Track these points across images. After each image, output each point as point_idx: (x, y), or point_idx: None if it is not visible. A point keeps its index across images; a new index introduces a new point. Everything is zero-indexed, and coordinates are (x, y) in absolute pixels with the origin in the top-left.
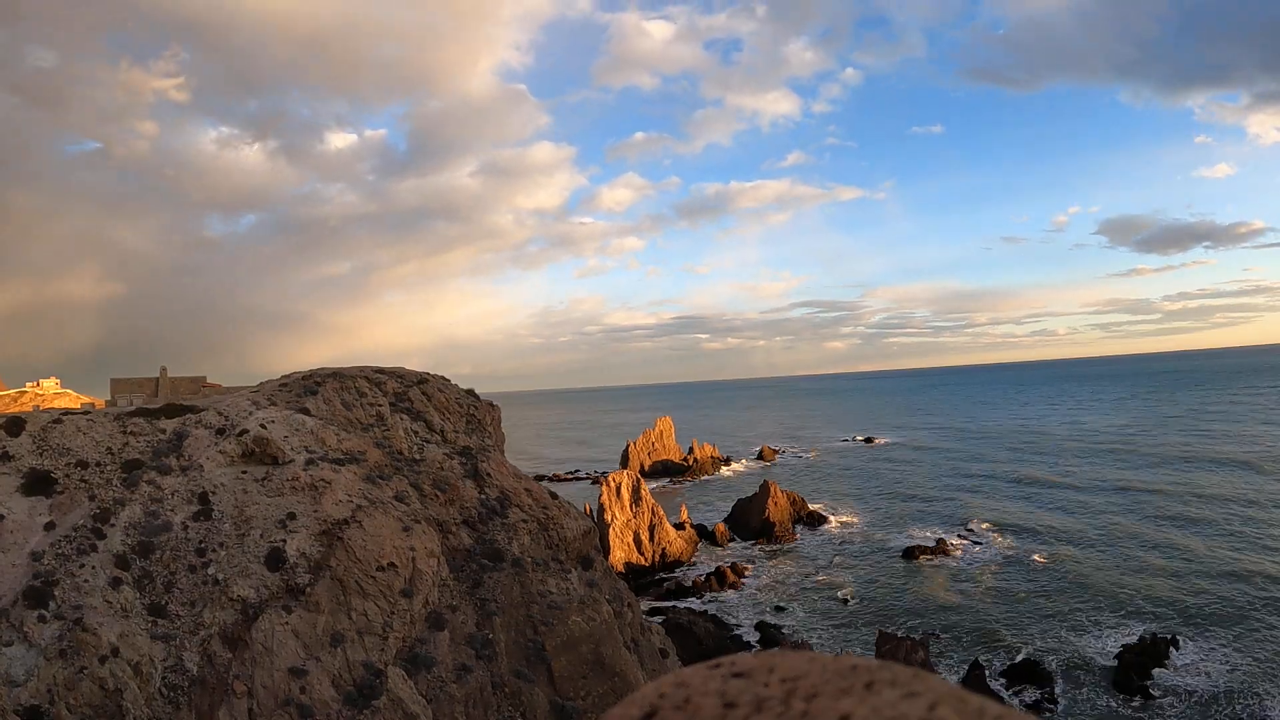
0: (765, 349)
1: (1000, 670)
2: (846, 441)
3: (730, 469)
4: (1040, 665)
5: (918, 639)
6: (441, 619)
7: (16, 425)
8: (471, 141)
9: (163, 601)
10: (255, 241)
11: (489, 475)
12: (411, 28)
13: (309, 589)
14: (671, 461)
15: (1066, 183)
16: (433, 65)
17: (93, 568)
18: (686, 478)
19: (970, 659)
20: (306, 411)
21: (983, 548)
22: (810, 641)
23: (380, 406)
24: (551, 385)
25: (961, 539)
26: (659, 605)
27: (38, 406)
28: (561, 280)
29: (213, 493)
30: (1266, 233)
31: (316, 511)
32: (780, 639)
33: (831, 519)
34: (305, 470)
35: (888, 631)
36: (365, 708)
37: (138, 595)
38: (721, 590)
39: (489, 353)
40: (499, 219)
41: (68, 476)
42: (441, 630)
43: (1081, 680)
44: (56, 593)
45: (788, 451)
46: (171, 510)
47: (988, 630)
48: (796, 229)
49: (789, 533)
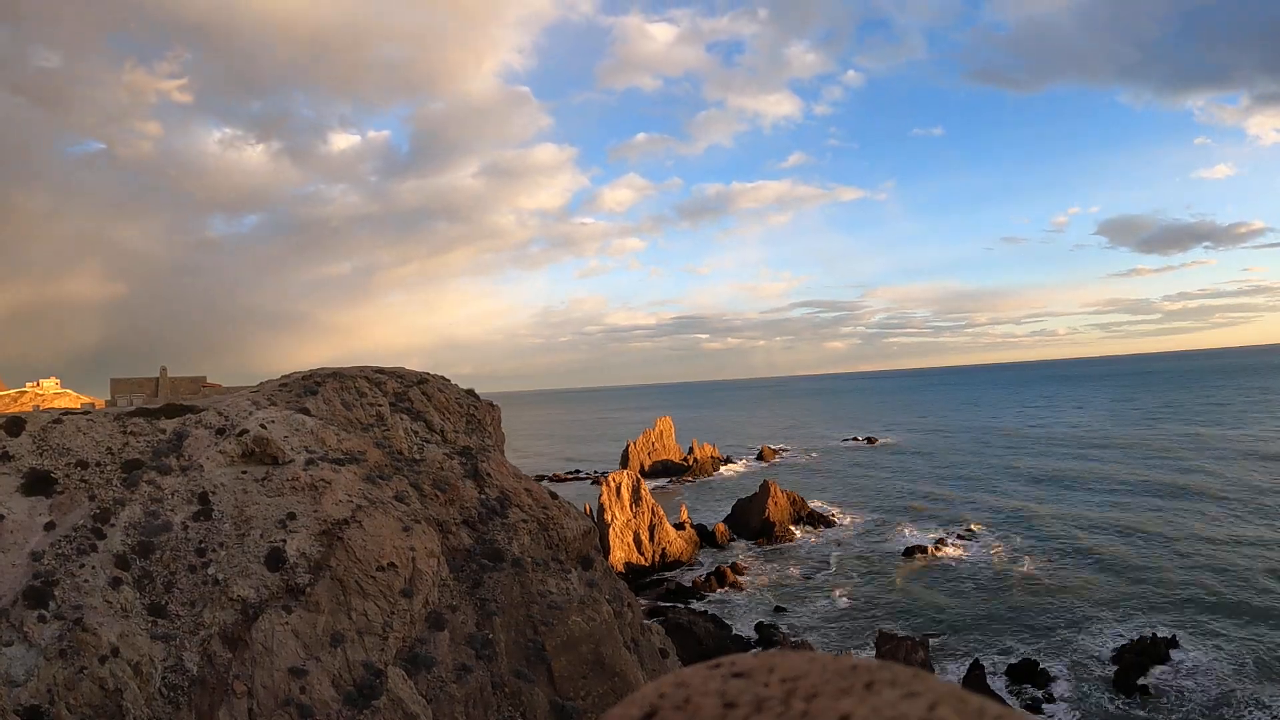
0: (765, 349)
1: (1000, 670)
2: (846, 441)
3: (730, 469)
4: (1040, 665)
5: (918, 639)
6: (441, 619)
7: (16, 425)
8: (474, 142)
9: (163, 601)
10: (257, 242)
11: (489, 475)
12: (416, 30)
13: (309, 589)
14: (671, 461)
15: (1066, 183)
16: (436, 67)
17: (93, 568)
18: (686, 478)
19: (970, 659)
20: (306, 411)
21: (983, 547)
22: (810, 641)
23: (380, 406)
24: (551, 385)
25: (961, 539)
26: (659, 605)
27: (38, 406)
28: (562, 280)
29: (213, 493)
30: (1266, 233)
31: (316, 511)
32: (780, 639)
33: (832, 519)
34: (305, 470)
35: (888, 631)
36: (365, 708)
37: (138, 595)
38: (721, 590)
39: (489, 353)
40: (501, 219)
41: (68, 476)
42: (441, 630)
43: (1081, 680)
44: (56, 593)
45: (788, 451)
46: (171, 510)
47: (988, 630)
48: (797, 229)
49: (789, 533)
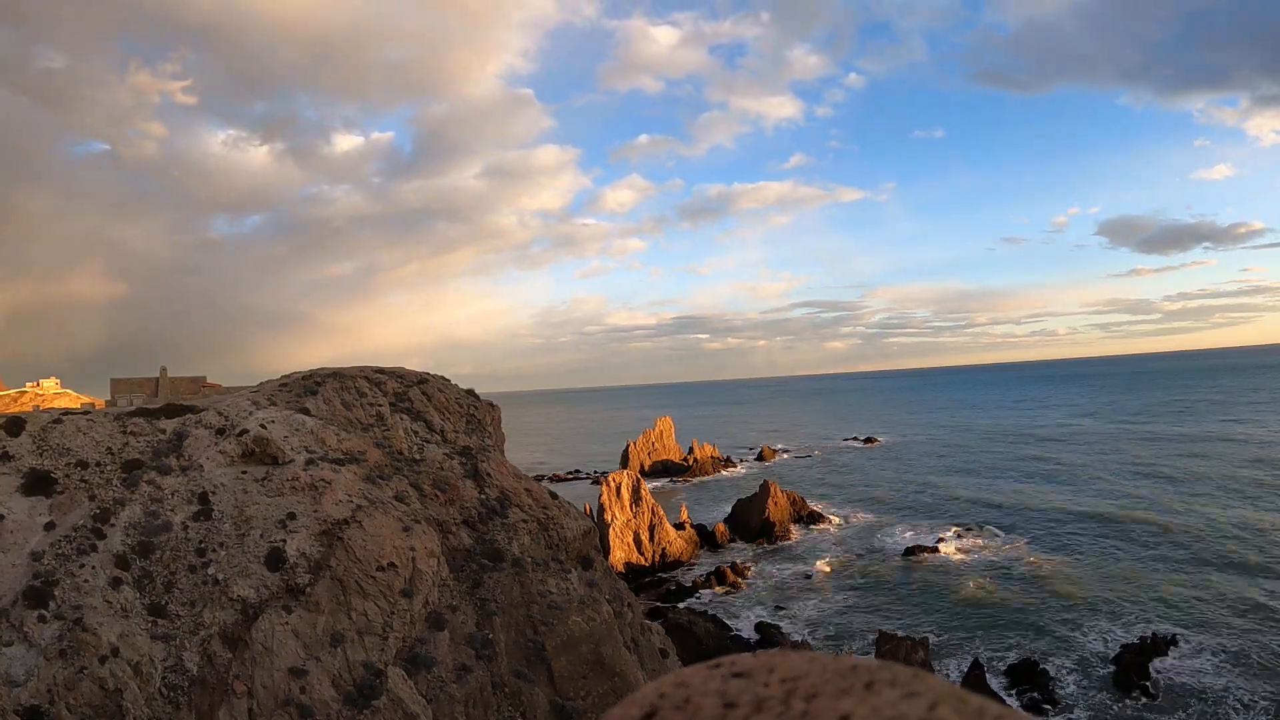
0: (765, 349)
1: (1000, 670)
2: (846, 441)
3: (730, 469)
4: (1040, 665)
5: (918, 639)
6: (441, 619)
7: (16, 425)
8: (477, 144)
9: (163, 601)
10: (259, 242)
11: (489, 475)
12: (420, 32)
13: (309, 589)
14: (671, 461)
15: (1066, 183)
16: (440, 69)
17: (93, 568)
18: (686, 478)
19: (970, 659)
20: (306, 411)
21: (983, 547)
22: (810, 641)
23: (380, 406)
24: (551, 385)
25: (961, 538)
26: (659, 605)
27: (38, 406)
28: (563, 280)
29: (213, 493)
30: (1266, 233)
31: (316, 511)
32: (780, 639)
33: (831, 519)
34: (305, 470)
35: (888, 631)
36: (365, 708)
37: (138, 595)
38: (721, 590)
39: (489, 353)
40: (502, 220)
41: (68, 476)
42: (441, 630)
43: (1081, 679)
44: (56, 593)
45: (788, 451)
46: (171, 510)
47: (988, 630)
48: (798, 229)
49: (789, 533)
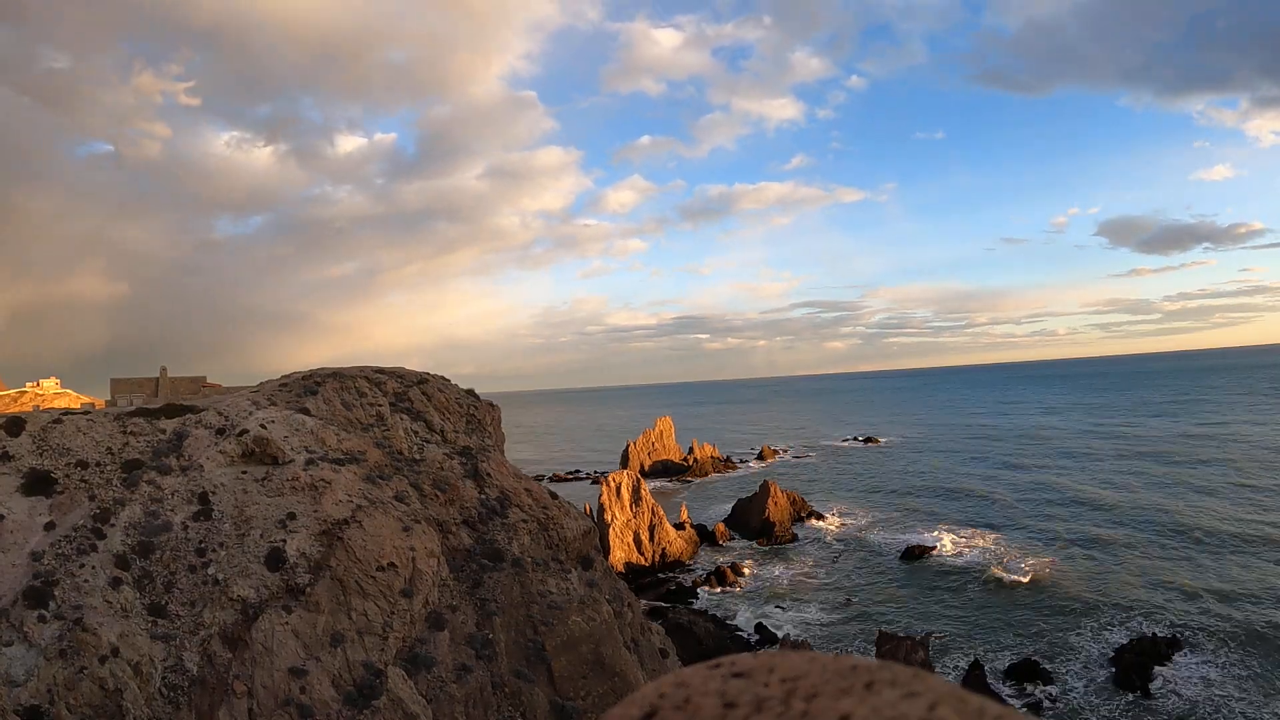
0: (765, 349)
1: (1000, 670)
2: (846, 441)
3: (730, 469)
4: (1040, 665)
5: (918, 639)
6: (441, 619)
7: (16, 425)
8: (480, 145)
9: (163, 601)
10: (261, 242)
11: (489, 475)
12: (424, 34)
13: (309, 589)
14: (671, 461)
15: (1066, 184)
16: (444, 71)
17: (93, 568)
18: (686, 478)
19: (970, 659)
20: (306, 411)
21: (983, 547)
22: (810, 641)
23: (380, 406)
24: (552, 385)
25: (961, 538)
26: (659, 605)
27: (38, 406)
28: (564, 281)
29: (213, 493)
30: (1265, 233)
31: (316, 511)
32: (780, 639)
33: (831, 519)
34: (305, 470)
35: (888, 631)
36: (365, 708)
37: (138, 595)
38: (721, 590)
39: (490, 353)
40: (504, 221)
41: (68, 476)
42: (441, 630)
43: (1081, 680)
44: (56, 593)
45: (788, 451)
46: (171, 510)
47: (988, 630)
48: (798, 230)
49: (789, 533)
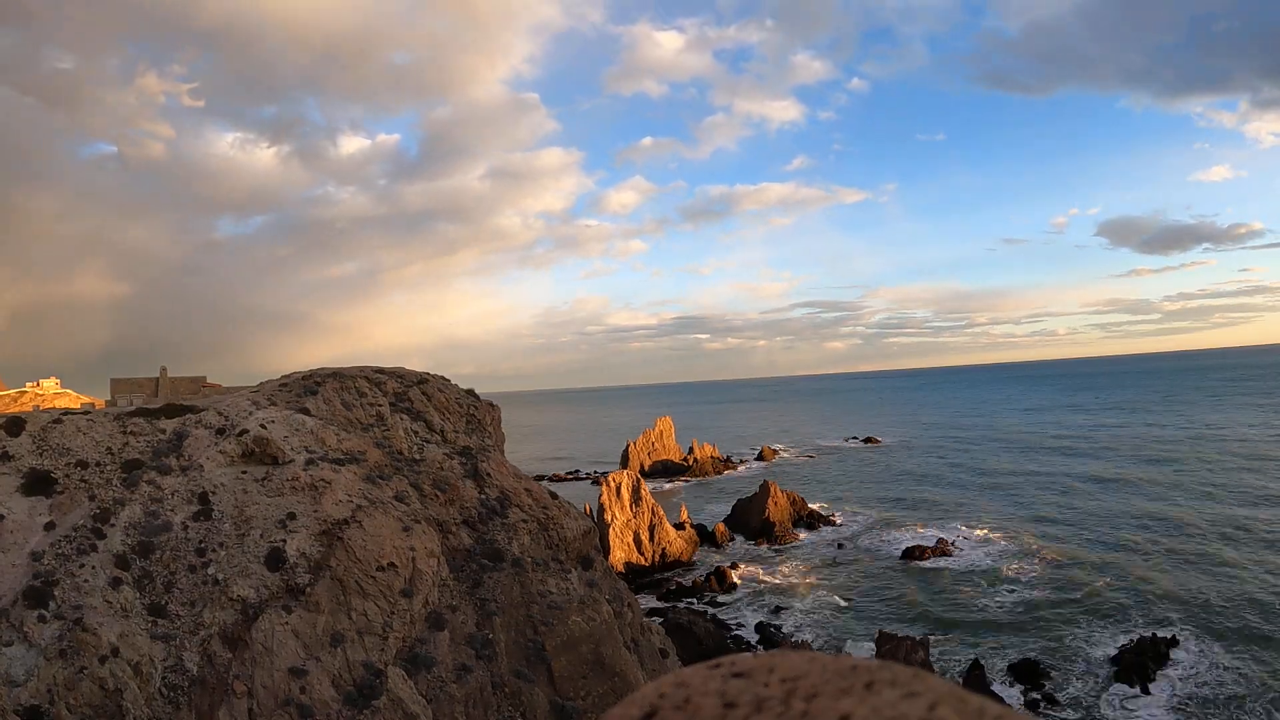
0: (765, 349)
1: (1000, 670)
2: (846, 441)
3: (730, 469)
4: (1040, 665)
5: (918, 639)
6: (441, 619)
7: (16, 425)
8: (482, 146)
9: (163, 601)
10: (264, 243)
11: (489, 475)
12: (428, 36)
13: (309, 589)
14: (671, 461)
15: (1066, 184)
16: (448, 73)
17: (93, 568)
18: (686, 478)
19: (970, 659)
20: (306, 411)
21: (982, 547)
22: (810, 641)
23: (380, 406)
24: (552, 385)
25: (961, 538)
26: (659, 605)
27: (38, 406)
28: (565, 281)
29: (213, 493)
30: (1265, 234)
31: (316, 511)
32: (780, 639)
33: (832, 519)
34: (305, 470)
35: (888, 631)
36: (365, 708)
37: (138, 595)
38: (721, 590)
39: (490, 353)
40: (506, 221)
41: (68, 476)
42: (441, 630)
43: (1082, 680)
44: (56, 593)
45: (788, 451)
46: (171, 510)
47: (988, 630)
48: (799, 230)
49: (789, 533)
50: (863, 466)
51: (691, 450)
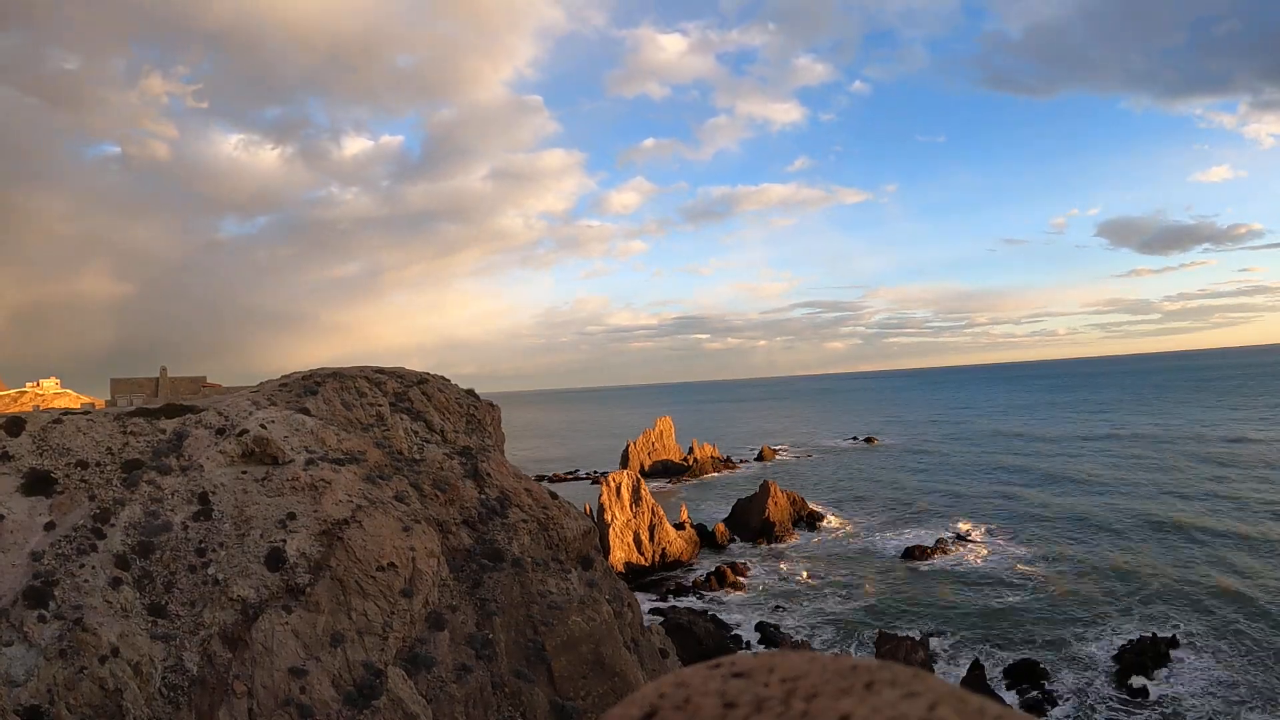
0: (766, 349)
1: (1000, 670)
2: (847, 441)
3: (730, 469)
4: (1040, 665)
5: (918, 639)
6: (441, 619)
7: (16, 425)
8: (485, 148)
9: (163, 601)
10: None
11: (489, 475)
12: (433, 39)
13: (309, 589)
14: (671, 461)
15: (1066, 184)
16: (453, 76)
17: (93, 568)
18: (686, 478)
19: (970, 659)
20: (306, 411)
21: (982, 547)
22: (810, 641)
23: (380, 406)
24: (552, 385)
25: (961, 539)
26: (659, 605)
27: (38, 406)
28: (566, 281)
29: (213, 493)
30: (1265, 234)
31: (316, 511)
32: (780, 639)
33: (831, 519)
34: (305, 470)
35: (888, 631)
36: (365, 708)
37: (138, 595)
38: (721, 590)
39: (491, 353)
40: (508, 222)
41: (68, 476)
42: (441, 630)
43: (1081, 680)
44: (56, 593)
45: (788, 451)
46: (171, 510)
47: (988, 630)
48: (800, 230)
49: (789, 533)
50: (863, 466)
51: (691, 450)
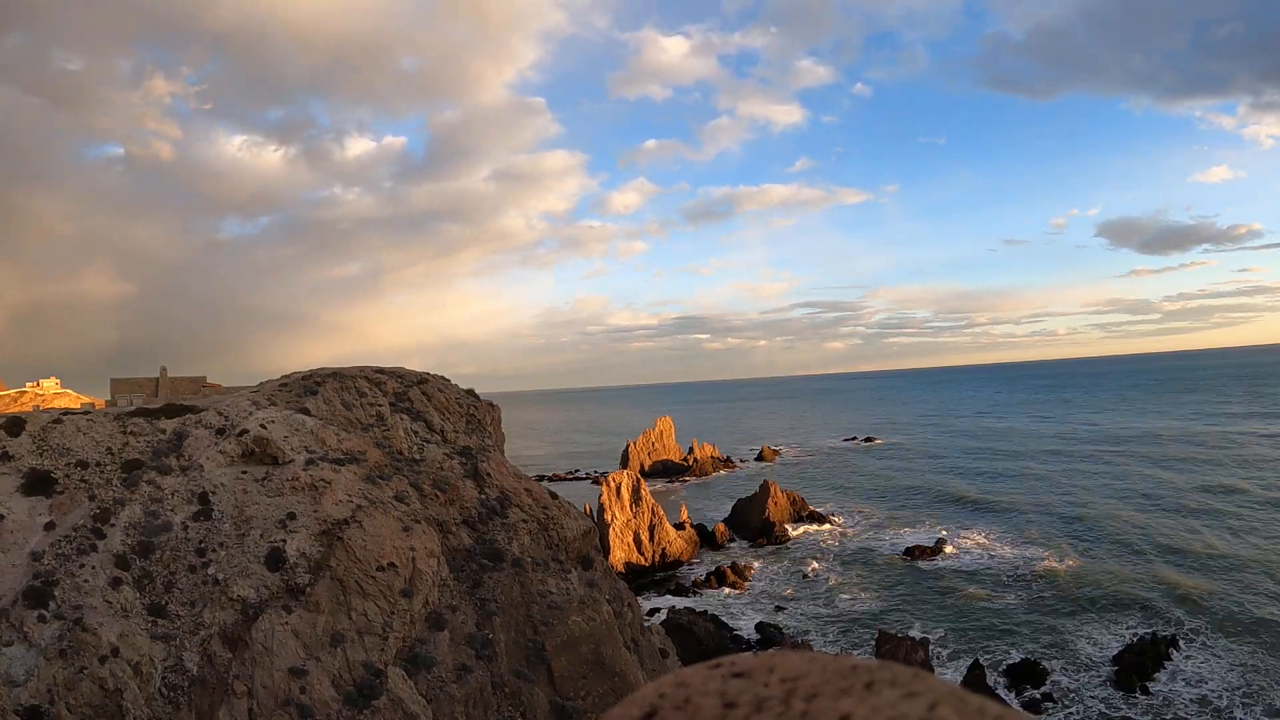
0: (766, 349)
1: (1000, 670)
2: (847, 441)
3: (730, 469)
4: (1040, 665)
5: (918, 639)
6: (441, 619)
7: (16, 425)
8: (488, 149)
9: (163, 601)
10: (268, 243)
11: (489, 475)
12: (436, 41)
13: (309, 589)
14: (671, 461)
15: (1067, 185)
16: (457, 78)
17: (93, 568)
18: (686, 478)
19: (970, 659)
20: (306, 411)
21: (982, 547)
22: (810, 641)
23: (380, 406)
24: (552, 385)
25: (961, 538)
26: (659, 605)
27: (38, 406)
28: (567, 281)
29: (213, 493)
30: (1264, 234)
31: (316, 511)
32: (780, 639)
33: (831, 519)
34: (305, 470)
35: (888, 631)
36: (365, 708)
37: (138, 595)
38: (721, 590)
39: (492, 353)
40: (509, 222)
41: (68, 476)
42: (441, 630)
43: (1081, 680)
44: (56, 593)
45: (788, 451)
46: (171, 510)
47: (988, 630)
48: (800, 231)
49: (789, 533)
50: (863, 466)
51: (691, 450)
